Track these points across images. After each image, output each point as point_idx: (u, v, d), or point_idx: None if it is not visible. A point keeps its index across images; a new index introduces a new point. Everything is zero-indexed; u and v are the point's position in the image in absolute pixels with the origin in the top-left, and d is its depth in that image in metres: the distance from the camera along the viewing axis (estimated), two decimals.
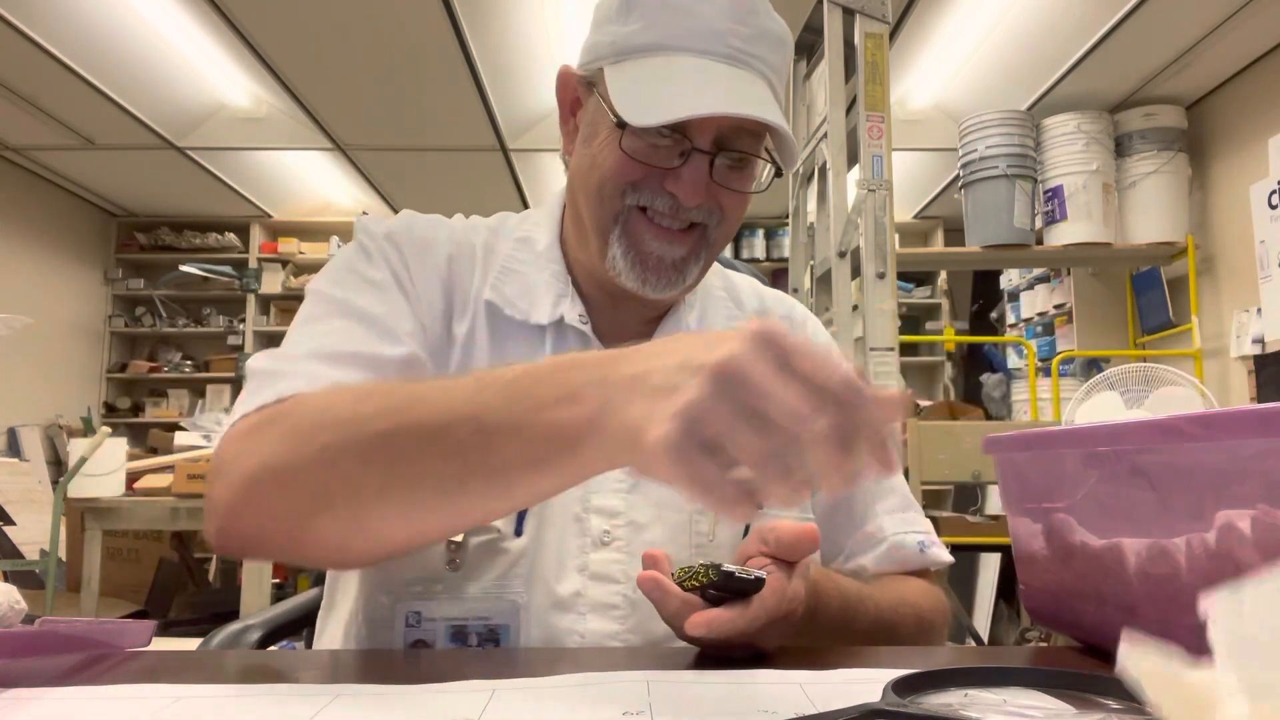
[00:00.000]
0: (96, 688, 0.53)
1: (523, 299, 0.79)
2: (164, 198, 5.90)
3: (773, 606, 0.58)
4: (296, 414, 0.60)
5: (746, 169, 0.77)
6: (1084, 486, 0.60)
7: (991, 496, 3.56)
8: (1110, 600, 0.58)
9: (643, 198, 0.75)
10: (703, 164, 0.73)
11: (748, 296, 0.93)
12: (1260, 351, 3.54)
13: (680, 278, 0.77)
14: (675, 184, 0.74)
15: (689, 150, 0.73)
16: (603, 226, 0.76)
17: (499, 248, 0.83)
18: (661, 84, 0.72)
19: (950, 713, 0.46)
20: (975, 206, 3.64)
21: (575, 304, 0.80)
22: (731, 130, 0.73)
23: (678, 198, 0.74)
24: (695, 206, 0.75)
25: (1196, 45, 3.54)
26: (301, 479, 0.57)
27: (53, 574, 2.87)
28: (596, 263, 0.78)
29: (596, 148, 0.76)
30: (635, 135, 0.74)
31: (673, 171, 0.74)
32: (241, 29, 3.59)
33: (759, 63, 0.74)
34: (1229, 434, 0.47)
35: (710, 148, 0.74)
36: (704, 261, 0.79)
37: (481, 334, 0.78)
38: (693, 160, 0.73)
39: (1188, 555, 0.50)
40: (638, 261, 0.76)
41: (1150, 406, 1.94)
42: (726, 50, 0.73)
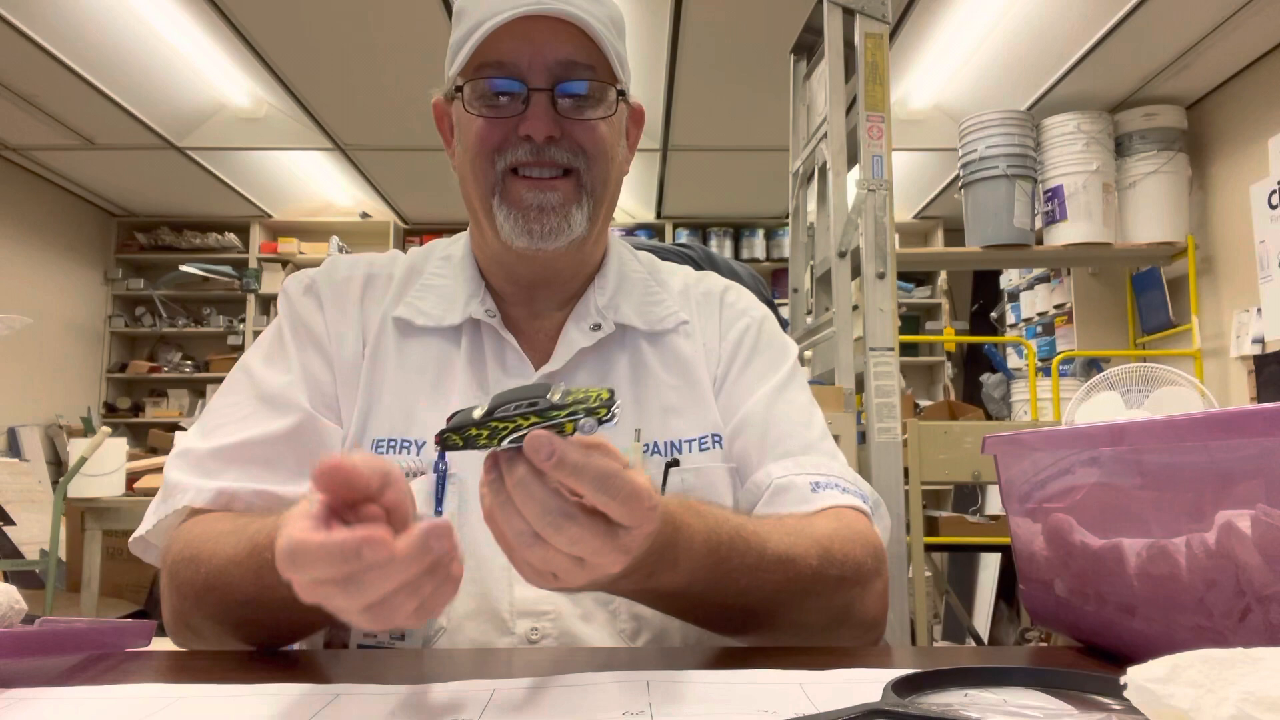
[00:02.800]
0: (97, 688, 0.52)
1: (437, 307, 0.86)
2: (164, 198, 5.90)
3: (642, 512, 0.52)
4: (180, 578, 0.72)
5: (593, 101, 0.81)
6: (1084, 486, 0.60)
7: (991, 496, 3.56)
8: (1110, 600, 0.58)
9: (508, 157, 0.80)
10: (543, 99, 0.78)
11: (674, 279, 0.96)
12: (1260, 351, 3.54)
13: (566, 224, 0.81)
14: (526, 125, 0.78)
15: (528, 94, 0.78)
16: (486, 199, 0.82)
17: (425, 268, 0.90)
18: (470, 39, 0.78)
19: (950, 713, 0.46)
20: (975, 206, 3.64)
21: (485, 301, 0.86)
22: (563, 67, 0.78)
23: (532, 138, 0.78)
24: (549, 142, 0.79)
25: (1196, 45, 3.54)
26: (197, 631, 0.73)
27: (53, 574, 2.87)
28: (496, 247, 0.84)
29: (462, 135, 0.83)
30: (476, 96, 0.80)
31: (521, 117, 0.79)
32: (241, 29, 3.59)
33: (571, 6, 0.77)
34: (1229, 434, 0.47)
35: (546, 84, 0.78)
36: (590, 209, 0.82)
37: (389, 348, 0.84)
38: (533, 99, 0.78)
39: (1188, 555, 0.50)
40: (520, 217, 0.80)
41: (1150, 406, 1.93)
42: (533, 4, 0.77)
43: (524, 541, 0.50)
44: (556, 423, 0.51)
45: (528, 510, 0.49)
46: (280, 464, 0.78)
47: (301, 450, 0.79)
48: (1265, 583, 0.45)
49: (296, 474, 0.78)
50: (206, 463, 0.78)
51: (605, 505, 0.50)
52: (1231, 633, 0.48)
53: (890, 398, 2.17)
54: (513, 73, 0.78)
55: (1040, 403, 4.21)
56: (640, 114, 0.92)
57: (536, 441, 0.49)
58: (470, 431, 0.51)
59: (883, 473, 2.13)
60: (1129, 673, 0.39)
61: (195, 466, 0.77)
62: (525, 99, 0.79)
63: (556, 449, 0.49)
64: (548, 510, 0.49)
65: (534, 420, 0.50)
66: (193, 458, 0.78)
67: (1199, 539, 0.49)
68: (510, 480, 0.50)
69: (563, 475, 0.49)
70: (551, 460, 0.48)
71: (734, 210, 6.13)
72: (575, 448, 0.49)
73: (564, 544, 0.50)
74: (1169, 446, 0.52)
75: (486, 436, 0.51)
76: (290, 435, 0.79)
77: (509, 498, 0.50)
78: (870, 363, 2.17)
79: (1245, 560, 0.46)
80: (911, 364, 6.03)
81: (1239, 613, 0.47)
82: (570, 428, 0.51)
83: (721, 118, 4.46)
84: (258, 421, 0.79)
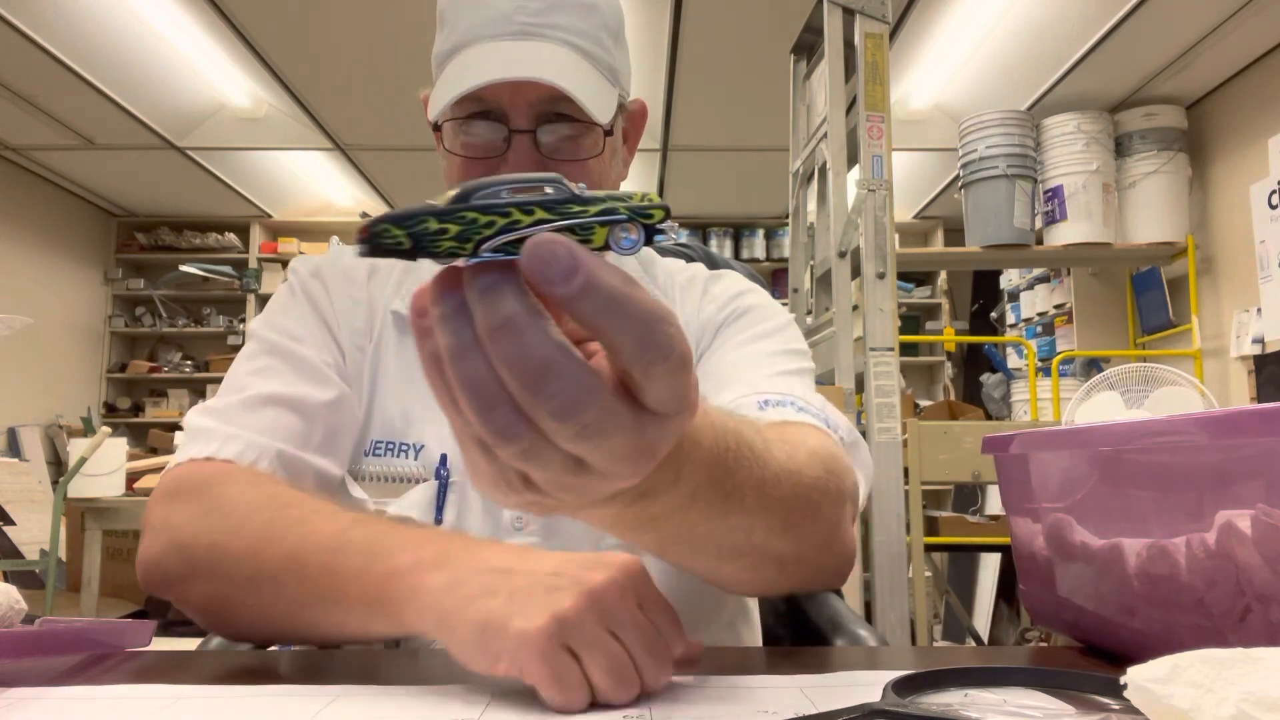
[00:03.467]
0: (96, 688, 0.53)
1: None
2: (164, 198, 5.90)
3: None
4: (205, 501, 0.66)
5: (581, 138, 0.77)
6: (1084, 486, 0.60)
7: (991, 496, 3.56)
8: (1110, 600, 0.58)
9: None
10: (524, 143, 0.74)
11: (658, 267, 0.91)
12: (1260, 351, 3.54)
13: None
14: (506, 171, 0.72)
15: (509, 134, 0.74)
16: None
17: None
18: (451, 78, 0.74)
19: (950, 713, 0.46)
20: (975, 206, 3.64)
21: None
22: (547, 102, 0.74)
23: None
24: None
25: (1196, 45, 3.54)
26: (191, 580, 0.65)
27: (53, 574, 2.87)
28: None
29: (445, 164, 0.79)
30: (455, 133, 0.76)
31: (502, 158, 0.75)
32: (241, 29, 3.59)
33: (557, 30, 0.74)
34: (1229, 434, 0.47)
35: (529, 125, 0.74)
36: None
37: (389, 342, 0.81)
38: (514, 142, 0.74)
39: (1188, 555, 0.50)
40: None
41: (1150, 406, 1.94)
42: (515, 28, 0.74)
43: (496, 423, 0.33)
44: (576, 223, 0.34)
45: (514, 370, 0.32)
46: (312, 434, 0.73)
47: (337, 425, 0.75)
48: (1265, 583, 0.45)
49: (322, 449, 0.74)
50: (239, 414, 0.72)
51: (645, 374, 0.33)
52: (1231, 633, 0.48)
53: (890, 398, 2.17)
54: (493, 111, 0.75)
55: (1040, 403, 4.21)
56: (641, 114, 0.88)
57: (548, 249, 0.31)
58: (424, 224, 0.33)
59: (883, 473, 2.13)
60: (1129, 673, 0.39)
61: (227, 417, 0.72)
62: (507, 138, 0.75)
63: (584, 264, 0.31)
64: (550, 371, 0.32)
65: (540, 216, 0.34)
66: (219, 414, 0.72)
67: (1199, 539, 0.49)
68: (487, 317, 0.32)
69: (589, 312, 0.32)
70: (574, 284, 0.31)
71: (734, 210, 6.14)
72: (614, 269, 0.32)
73: (568, 433, 0.33)
74: (1169, 446, 0.52)
75: (453, 237, 0.33)
76: (330, 408, 0.75)
77: (475, 347, 0.33)
78: (870, 363, 2.17)
79: (1245, 560, 0.46)
80: (911, 364, 6.03)
81: (1239, 613, 0.47)
82: (602, 236, 0.34)
83: (721, 118, 4.46)
84: (293, 382, 0.74)
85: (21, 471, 3.82)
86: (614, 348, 0.33)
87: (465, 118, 0.75)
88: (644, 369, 0.34)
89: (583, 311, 0.32)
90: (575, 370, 0.33)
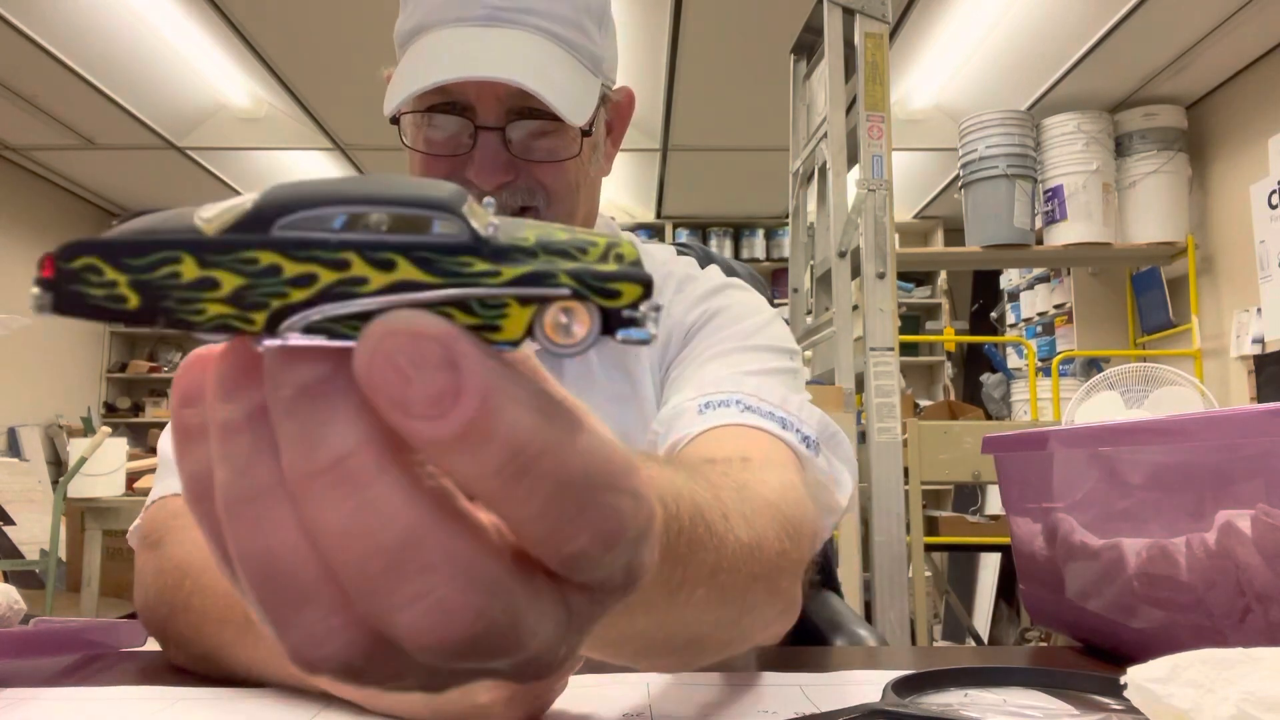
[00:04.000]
0: (93, 689, 0.52)
1: None
2: (164, 198, 5.89)
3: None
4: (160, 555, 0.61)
5: (557, 134, 0.69)
6: (1084, 486, 0.60)
7: (991, 496, 3.56)
8: (1110, 600, 0.58)
9: None
10: (492, 141, 0.67)
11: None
12: (1260, 351, 3.54)
13: None
14: (473, 172, 0.68)
15: (475, 130, 0.67)
16: None
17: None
18: (409, 68, 0.67)
19: (950, 713, 0.46)
20: (975, 206, 3.64)
21: None
22: (518, 97, 0.66)
23: (475, 185, 0.67)
24: (500, 189, 0.68)
25: (1196, 45, 3.54)
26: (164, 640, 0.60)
27: (53, 574, 2.87)
28: None
29: (408, 157, 0.72)
30: (416, 126, 0.69)
31: (468, 156, 0.68)
32: (241, 29, 3.58)
33: (531, 16, 0.67)
34: (1229, 434, 0.47)
35: (497, 121, 0.67)
36: None
37: None
38: (481, 140, 0.67)
39: (1188, 555, 0.50)
40: None
41: (1150, 406, 1.93)
42: (484, 12, 0.66)
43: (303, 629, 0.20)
44: (472, 294, 0.19)
45: (346, 547, 0.19)
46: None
47: None
48: (1265, 583, 0.45)
49: None
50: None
51: (573, 562, 0.20)
52: (1231, 633, 0.48)
53: (890, 398, 2.17)
54: (459, 104, 0.67)
55: (1040, 403, 4.21)
56: (628, 104, 0.80)
57: (403, 342, 0.18)
58: (168, 268, 0.19)
59: (883, 473, 2.13)
60: (1129, 673, 0.38)
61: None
62: (473, 135, 0.68)
63: (469, 381, 0.18)
64: (412, 554, 0.19)
65: (404, 276, 0.19)
66: None
67: (1199, 539, 0.49)
68: (301, 450, 0.19)
69: (476, 473, 0.18)
70: (450, 419, 0.18)
71: (734, 210, 6.13)
72: (526, 384, 0.19)
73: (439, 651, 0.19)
74: (1169, 446, 0.51)
75: (228, 298, 0.19)
76: None
77: (275, 494, 0.19)
78: (870, 363, 2.17)
79: (1245, 560, 0.46)
80: (911, 364, 6.03)
81: (1239, 613, 0.47)
82: (520, 322, 0.19)
83: (721, 118, 4.46)
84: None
85: (21, 471, 3.81)
86: (521, 527, 0.19)
87: (427, 110, 0.68)
88: (572, 556, 0.20)
89: (466, 469, 0.18)
90: (458, 551, 0.19)
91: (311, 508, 0.19)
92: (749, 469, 0.49)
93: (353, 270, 0.18)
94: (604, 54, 0.73)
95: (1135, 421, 0.54)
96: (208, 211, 0.19)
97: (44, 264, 0.20)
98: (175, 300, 0.19)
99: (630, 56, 3.75)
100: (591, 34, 0.71)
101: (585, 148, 0.72)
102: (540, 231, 0.20)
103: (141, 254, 0.19)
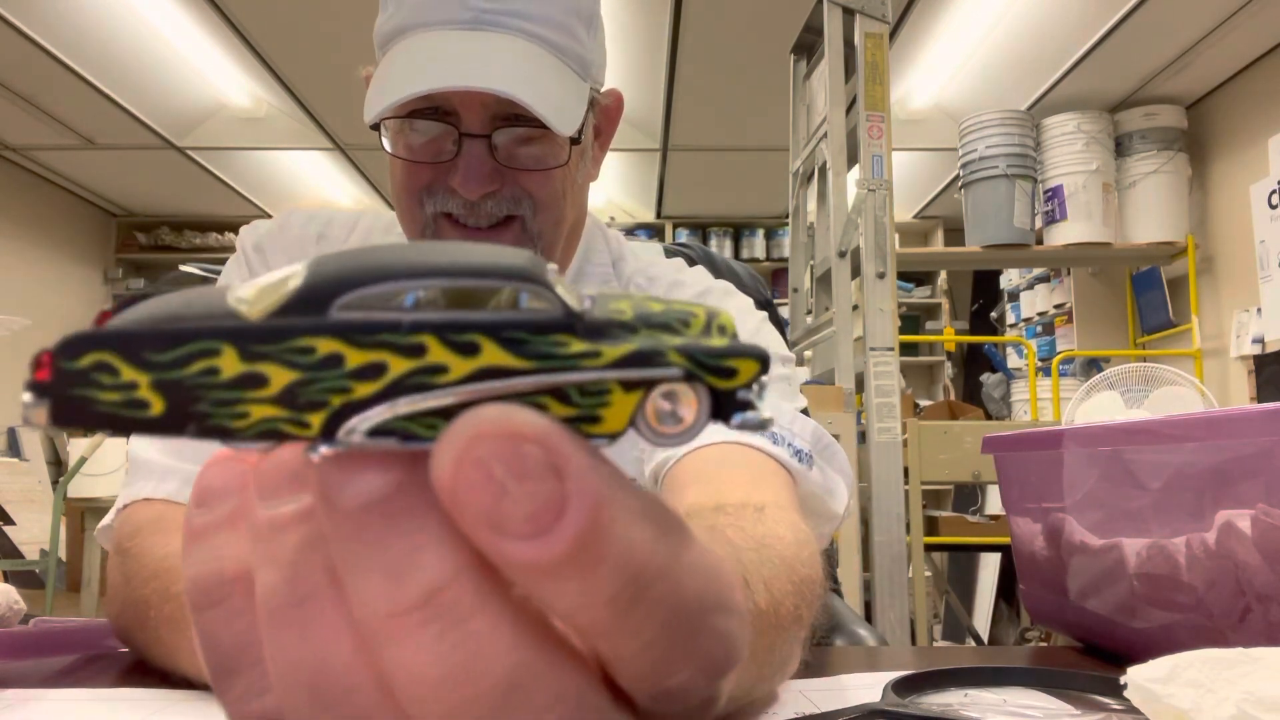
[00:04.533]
0: (91, 689, 0.52)
1: None
2: (164, 198, 5.90)
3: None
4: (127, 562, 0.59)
5: (544, 141, 0.67)
6: (1084, 486, 0.60)
7: (991, 496, 3.56)
8: (1110, 600, 0.58)
9: (438, 203, 0.67)
10: (477, 149, 0.65)
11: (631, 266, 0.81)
12: (1260, 351, 3.54)
13: None
14: (457, 180, 0.66)
15: (460, 137, 0.65)
16: (417, 238, 0.68)
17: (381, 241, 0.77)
18: (391, 72, 0.65)
19: (950, 713, 0.46)
20: (975, 206, 3.64)
21: None
22: (505, 104, 0.64)
23: (458, 193, 0.65)
24: (485, 198, 0.66)
25: (1196, 45, 3.54)
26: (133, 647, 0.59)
27: (53, 574, 2.87)
28: None
29: (389, 163, 0.70)
30: (397, 131, 0.67)
31: (452, 164, 0.66)
32: (241, 29, 3.59)
33: (519, 19, 0.65)
34: (1229, 434, 0.47)
35: (483, 128, 0.65)
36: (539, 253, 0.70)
37: None
38: (466, 147, 0.65)
39: (1188, 555, 0.50)
40: None
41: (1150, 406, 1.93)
42: (469, 15, 0.64)
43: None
44: (572, 379, 0.16)
45: (438, 697, 0.15)
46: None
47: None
48: (1265, 583, 0.45)
49: None
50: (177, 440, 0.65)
51: (667, 693, 0.17)
52: (1231, 632, 0.48)
53: (890, 398, 2.17)
54: (443, 109, 0.65)
55: (1040, 403, 4.21)
56: (616, 107, 0.77)
57: (502, 444, 0.15)
58: (202, 363, 0.15)
59: (883, 473, 2.13)
60: (1129, 673, 0.38)
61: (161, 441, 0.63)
62: (457, 141, 0.65)
63: (577, 493, 0.15)
64: (515, 697, 0.16)
65: (490, 362, 0.16)
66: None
67: (1199, 539, 0.49)
68: (378, 587, 0.15)
69: (580, 603, 0.15)
70: (555, 540, 0.15)
71: (734, 210, 6.13)
72: (638, 495, 0.16)
73: None
74: (1169, 446, 0.51)
75: (276, 398, 0.15)
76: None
77: (340, 639, 0.16)
78: (870, 363, 2.17)
79: (1245, 560, 0.46)
80: (911, 364, 6.03)
81: (1239, 613, 0.47)
82: (625, 411, 0.17)
83: (721, 118, 4.46)
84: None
85: (21, 471, 3.81)
86: (623, 661, 0.17)
87: (409, 115, 0.66)
88: (670, 691, 0.17)
89: (568, 599, 0.15)
90: (568, 690, 0.16)
91: (395, 650, 0.15)
92: (763, 521, 0.47)
93: (429, 357, 0.15)
94: (593, 57, 0.71)
95: (1135, 421, 0.54)
96: (244, 291, 0.16)
97: (39, 363, 0.15)
98: (211, 403, 0.15)
99: (630, 56, 3.75)
100: (580, 37, 0.69)
101: (573, 155, 0.70)
102: (635, 303, 0.17)
103: (169, 347, 0.15)
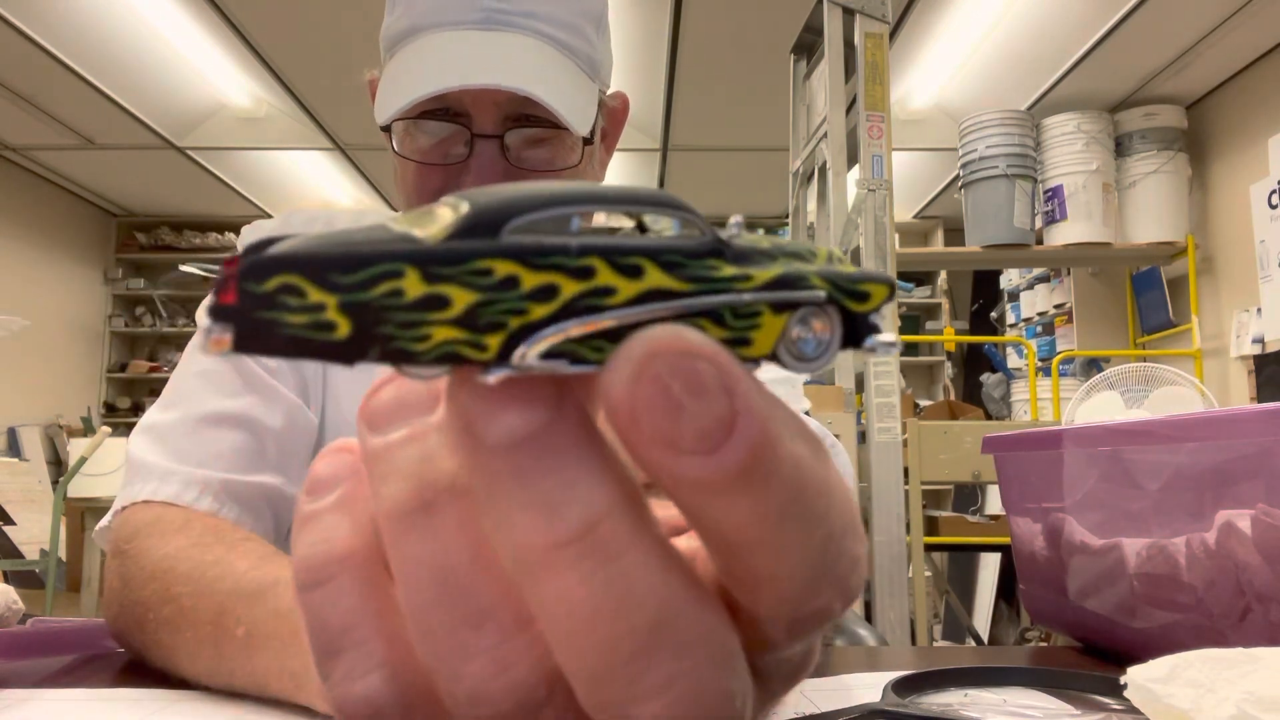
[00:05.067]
0: (90, 689, 0.52)
1: None
2: (164, 198, 5.90)
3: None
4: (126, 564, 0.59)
5: (555, 142, 0.67)
6: (1084, 486, 0.60)
7: (991, 496, 3.56)
8: (1110, 600, 0.58)
9: None
10: (489, 150, 0.65)
11: None
12: (1260, 351, 3.54)
13: None
14: (469, 182, 0.65)
15: (471, 138, 0.65)
16: None
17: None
18: (404, 72, 0.65)
19: (950, 713, 0.46)
20: (975, 206, 3.64)
21: None
22: (517, 103, 0.64)
23: None
24: None
25: (1196, 45, 3.54)
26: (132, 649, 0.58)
27: (53, 574, 2.87)
28: None
29: (397, 164, 0.70)
30: (407, 131, 0.67)
31: (464, 165, 0.66)
32: (241, 29, 3.59)
33: (531, 20, 0.65)
34: (1229, 434, 0.47)
35: (495, 129, 0.65)
36: None
37: None
38: (478, 149, 0.65)
39: (1188, 555, 0.50)
40: None
41: (1150, 406, 1.93)
42: (480, 15, 0.64)
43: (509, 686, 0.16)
44: (727, 301, 0.16)
45: (590, 631, 0.15)
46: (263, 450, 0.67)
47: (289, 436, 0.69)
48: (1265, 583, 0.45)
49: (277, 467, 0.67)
50: (185, 440, 0.65)
51: (797, 626, 0.17)
52: (1231, 633, 0.48)
53: (890, 398, 2.17)
54: (454, 110, 0.65)
55: (1040, 403, 4.21)
56: (623, 109, 0.78)
57: (680, 363, 0.14)
58: (389, 284, 0.14)
59: (883, 473, 2.13)
60: (1129, 673, 0.38)
61: (173, 445, 0.65)
62: (469, 143, 0.65)
63: (746, 410, 0.14)
64: (664, 634, 0.15)
65: (653, 284, 0.16)
66: (163, 440, 0.66)
67: (1199, 539, 0.49)
68: (538, 521, 0.15)
69: (744, 518, 0.15)
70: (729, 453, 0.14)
71: (734, 210, 6.04)
72: (794, 419, 0.16)
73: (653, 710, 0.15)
74: (1169, 447, 0.51)
75: (457, 319, 0.15)
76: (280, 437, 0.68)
77: (480, 568, 0.16)
78: (870, 362, 2.17)
79: (1245, 560, 0.46)
80: (911, 364, 6.03)
81: (1239, 613, 0.47)
82: (772, 333, 0.17)
83: (721, 118, 4.46)
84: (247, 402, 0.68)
85: (21, 471, 3.81)
86: (775, 584, 0.16)
87: (420, 116, 0.66)
88: (806, 618, 0.17)
89: (738, 516, 0.15)
90: (711, 628, 0.16)
91: (546, 584, 0.15)
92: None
93: (598, 279, 0.15)
94: (601, 59, 0.72)
95: (1135, 421, 0.54)
96: (400, 221, 0.15)
97: (225, 287, 0.14)
98: (396, 325, 0.15)
99: (630, 57, 3.75)
100: (590, 38, 0.69)
101: (585, 156, 0.70)
102: (767, 238, 0.18)
103: (356, 269, 0.14)
